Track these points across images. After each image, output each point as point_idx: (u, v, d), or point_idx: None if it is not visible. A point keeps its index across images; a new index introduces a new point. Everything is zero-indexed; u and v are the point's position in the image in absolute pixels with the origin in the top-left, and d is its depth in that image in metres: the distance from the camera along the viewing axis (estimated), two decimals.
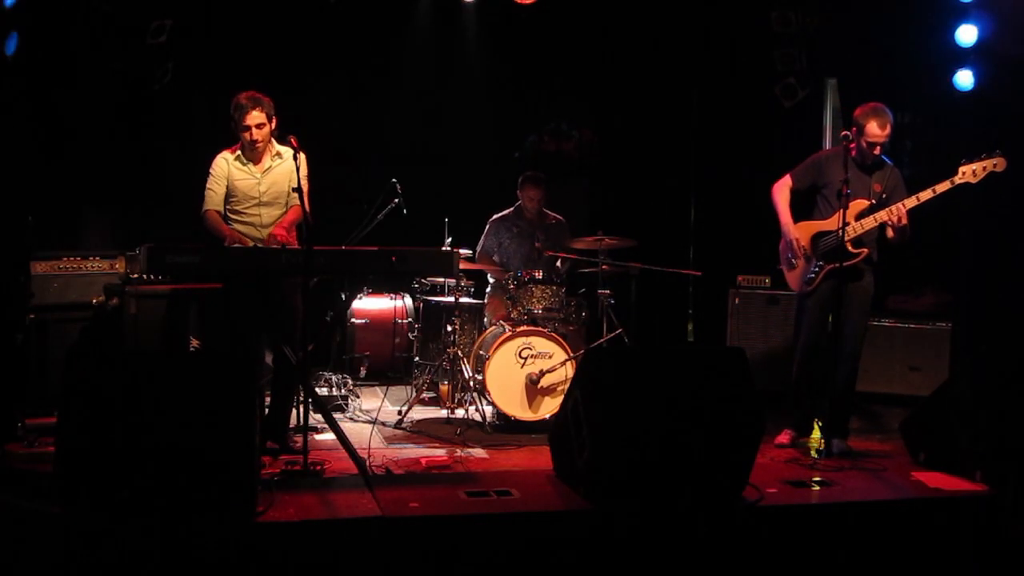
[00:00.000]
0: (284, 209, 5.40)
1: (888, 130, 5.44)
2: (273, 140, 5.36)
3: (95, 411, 3.85)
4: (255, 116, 5.19)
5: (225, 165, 5.34)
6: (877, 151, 5.48)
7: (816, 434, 5.76)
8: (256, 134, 5.21)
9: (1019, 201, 6.03)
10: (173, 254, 4.66)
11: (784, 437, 5.71)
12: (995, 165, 5.33)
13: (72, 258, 5.95)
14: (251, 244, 5.19)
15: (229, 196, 5.34)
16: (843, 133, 5.52)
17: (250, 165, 5.34)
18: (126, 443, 3.83)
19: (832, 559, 4.37)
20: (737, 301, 7.29)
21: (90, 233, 6.92)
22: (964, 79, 6.81)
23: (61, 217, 6.71)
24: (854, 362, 5.60)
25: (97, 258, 6.01)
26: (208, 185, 5.34)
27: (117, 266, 6.01)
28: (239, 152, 5.35)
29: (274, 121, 5.29)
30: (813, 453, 5.41)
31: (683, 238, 8.63)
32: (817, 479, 4.90)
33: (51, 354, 5.66)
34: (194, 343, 5.87)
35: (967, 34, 6.71)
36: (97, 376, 3.95)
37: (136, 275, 5.74)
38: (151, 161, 7.33)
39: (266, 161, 5.35)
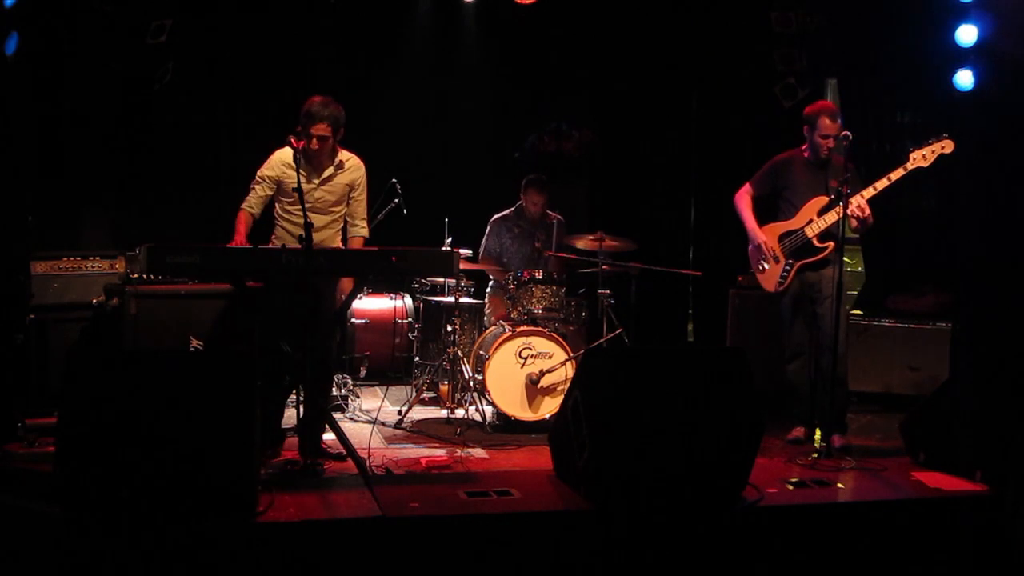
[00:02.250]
0: (335, 217, 5.36)
1: (839, 123, 5.59)
2: (338, 148, 5.30)
3: (95, 411, 3.85)
4: (320, 128, 5.11)
5: (279, 166, 5.23)
6: (831, 143, 5.61)
7: (817, 434, 5.77)
8: (316, 144, 5.15)
9: (1019, 200, 6.02)
10: (173, 254, 4.65)
11: (797, 432, 5.77)
12: (943, 147, 5.53)
13: (72, 258, 5.95)
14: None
15: (281, 195, 5.27)
16: (843, 133, 5.53)
17: (308, 170, 5.25)
18: (126, 443, 3.83)
19: (832, 559, 4.37)
20: (737, 301, 7.28)
21: (90, 233, 6.92)
22: (964, 79, 6.80)
23: (61, 217, 6.71)
24: (837, 351, 5.56)
25: (97, 258, 6.02)
26: (253, 183, 5.27)
27: (117, 266, 6.01)
28: (300, 153, 5.20)
29: (340, 132, 5.22)
30: (814, 453, 5.40)
31: (683, 238, 8.63)
32: (817, 479, 4.90)
33: (51, 354, 5.66)
34: (194, 343, 5.86)
35: (967, 34, 6.70)
36: (97, 376, 3.95)
37: (136, 275, 5.74)
38: (151, 161, 7.33)
39: (327, 170, 5.28)
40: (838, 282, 5.45)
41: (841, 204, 5.37)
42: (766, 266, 5.83)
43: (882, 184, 5.50)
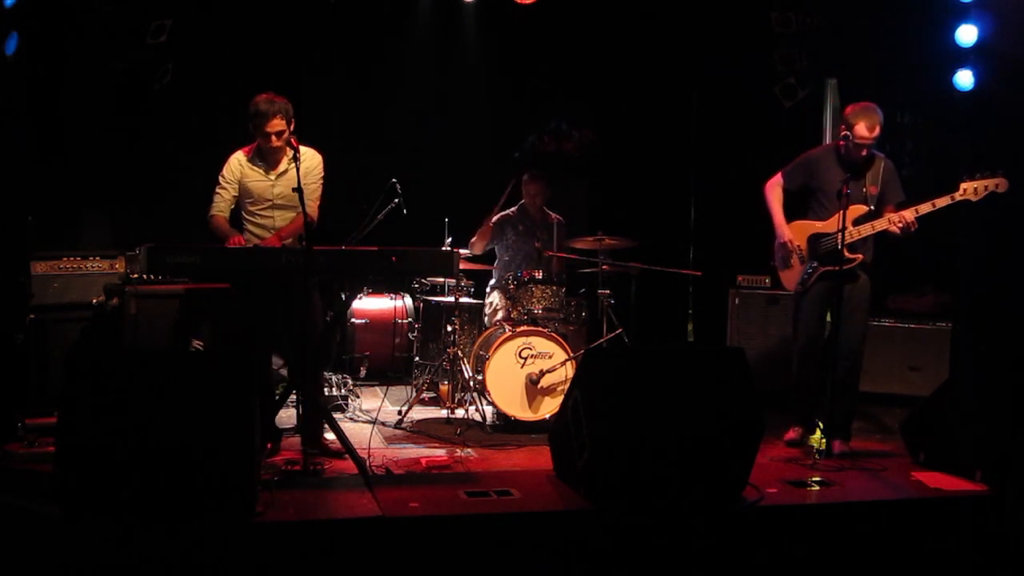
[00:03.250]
0: (298, 212, 5.34)
1: (877, 131, 5.45)
2: (294, 142, 5.29)
3: (95, 411, 3.85)
4: (275, 124, 5.13)
5: (237, 168, 5.28)
6: (864, 153, 5.51)
7: (817, 434, 5.76)
8: (276, 142, 5.18)
9: (1020, 201, 6.02)
10: (173, 254, 4.66)
11: (793, 434, 5.73)
12: (996, 185, 5.33)
13: (72, 258, 5.95)
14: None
15: (243, 197, 5.31)
16: (843, 133, 5.52)
17: (265, 167, 5.30)
18: (126, 443, 3.83)
19: (832, 559, 4.37)
20: (737, 301, 7.29)
21: (90, 233, 6.92)
22: (964, 79, 6.80)
23: (61, 217, 6.70)
24: (854, 361, 5.58)
25: (97, 258, 6.02)
26: (217, 188, 5.30)
27: (117, 266, 6.02)
28: (254, 153, 5.31)
29: (292, 124, 5.23)
30: (814, 453, 5.40)
31: (683, 238, 8.63)
32: (817, 479, 4.90)
33: (51, 354, 5.66)
34: (195, 343, 5.87)
35: (967, 34, 6.71)
36: (97, 376, 3.95)
37: (136, 275, 5.74)
38: (151, 161, 7.33)
39: (283, 164, 5.30)
40: (837, 286, 5.42)
41: (841, 210, 5.29)
42: (790, 264, 5.76)
43: (925, 208, 5.37)
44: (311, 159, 5.38)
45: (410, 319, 7.37)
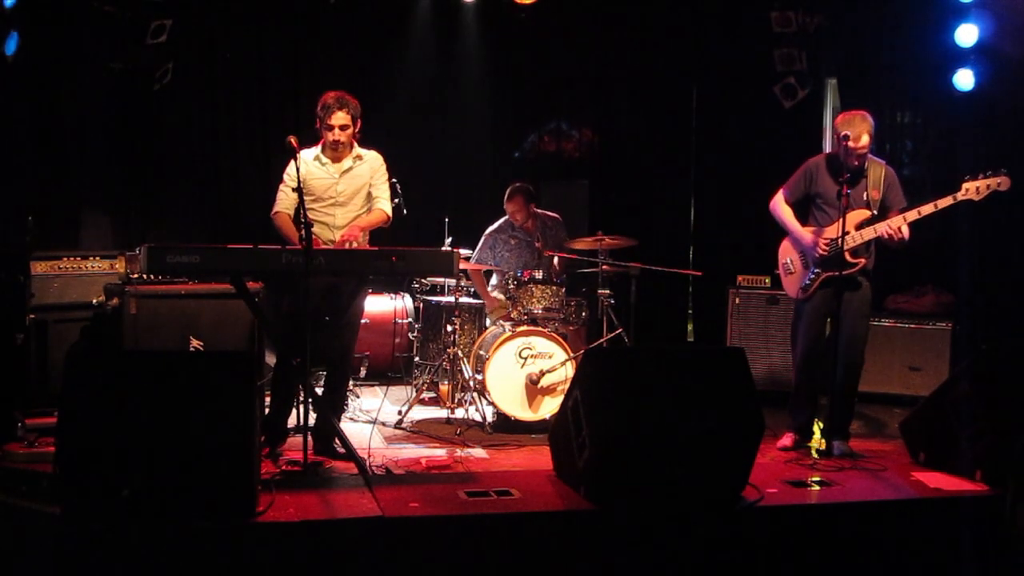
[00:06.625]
0: (359, 211, 5.39)
1: (864, 141, 5.40)
2: (355, 143, 5.36)
3: (95, 411, 3.85)
4: (340, 117, 5.22)
5: (302, 164, 5.22)
6: (856, 163, 5.47)
7: (817, 435, 5.74)
8: (339, 135, 5.24)
9: (1020, 201, 6.04)
10: (173, 254, 4.65)
11: (787, 440, 5.68)
12: (999, 184, 5.27)
13: (72, 258, 5.95)
14: (324, 245, 5.16)
15: (305, 194, 5.22)
16: (843, 133, 5.50)
17: (329, 165, 5.33)
18: (126, 443, 3.83)
19: (832, 559, 4.37)
20: (737, 301, 7.29)
21: (90, 233, 6.92)
22: (964, 79, 6.82)
23: (61, 217, 6.71)
24: (854, 367, 5.56)
25: (97, 258, 6.02)
26: (281, 185, 5.31)
27: (117, 266, 6.02)
28: (318, 151, 5.34)
29: (358, 124, 5.30)
30: (814, 453, 5.40)
31: (683, 238, 8.63)
32: (817, 479, 4.90)
33: (51, 354, 5.67)
34: (194, 343, 5.87)
35: (967, 34, 6.72)
36: (97, 376, 3.95)
37: (136, 275, 5.74)
38: (151, 161, 7.33)
39: (346, 162, 5.34)
40: (838, 292, 5.40)
41: (841, 210, 5.26)
42: (793, 270, 5.72)
43: (927, 210, 5.32)
44: (375, 159, 5.46)
45: (410, 319, 7.37)
